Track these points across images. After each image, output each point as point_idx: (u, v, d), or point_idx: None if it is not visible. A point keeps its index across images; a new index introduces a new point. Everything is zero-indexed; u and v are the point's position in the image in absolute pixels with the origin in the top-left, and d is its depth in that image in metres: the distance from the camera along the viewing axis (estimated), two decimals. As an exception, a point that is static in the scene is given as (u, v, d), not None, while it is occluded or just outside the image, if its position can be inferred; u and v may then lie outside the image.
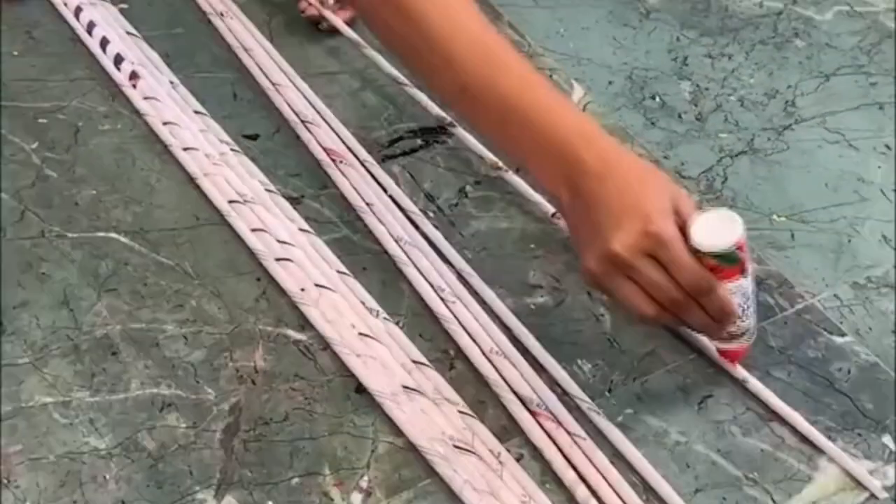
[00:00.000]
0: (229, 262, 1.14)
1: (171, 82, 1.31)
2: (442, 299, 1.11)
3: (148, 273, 1.12)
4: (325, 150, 1.24)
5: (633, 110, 1.36)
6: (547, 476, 0.99)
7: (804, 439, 1.03)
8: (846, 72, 1.44)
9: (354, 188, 1.21)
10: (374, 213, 1.19)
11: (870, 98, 1.40)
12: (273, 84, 1.32)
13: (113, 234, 1.16)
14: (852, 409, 1.07)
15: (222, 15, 1.40)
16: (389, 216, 1.19)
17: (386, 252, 1.16)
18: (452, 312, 1.10)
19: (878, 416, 1.06)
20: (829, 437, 1.04)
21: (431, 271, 1.14)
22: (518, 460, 1.00)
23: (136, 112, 1.27)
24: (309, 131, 1.26)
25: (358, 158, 1.24)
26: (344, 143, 1.26)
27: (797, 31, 1.50)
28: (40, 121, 1.26)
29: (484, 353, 1.07)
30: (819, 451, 1.03)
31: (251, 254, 1.14)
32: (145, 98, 1.28)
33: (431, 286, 1.12)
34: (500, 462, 0.99)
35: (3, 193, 1.17)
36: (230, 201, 1.18)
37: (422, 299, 1.12)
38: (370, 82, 1.35)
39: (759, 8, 1.54)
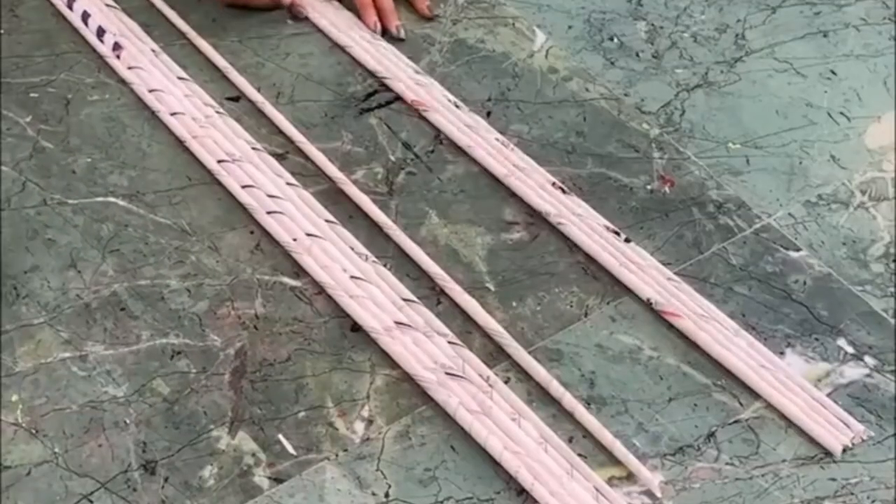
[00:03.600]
0: (223, 217, 1.21)
1: (153, 51, 1.37)
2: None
3: (148, 233, 1.19)
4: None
5: (593, 52, 1.43)
6: (533, 395, 1.08)
7: (766, 346, 1.12)
8: (791, 3, 1.52)
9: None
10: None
11: (814, 27, 1.48)
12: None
13: (111, 199, 1.22)
14: (809, 316, 1.16)
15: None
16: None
17: (371, 201, 1.24)
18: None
19: (832, 322, 1.15)
20: (789, 344, 1.13)
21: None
22: (506, 383, 1.08)
23: (123, 81, 1.34)
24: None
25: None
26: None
27: (744, -33, 1.57)
28: (31, 95, 1.32)
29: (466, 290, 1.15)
30: (780, 355, 1.12)
31: (244, 209, 1.21)
32: (130, 68, 1.34)
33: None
34: (490, 385, 1.07)
35: (3, 166, 1.24)
36: (219, 161, 1.25)
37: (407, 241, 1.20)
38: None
39: (707, -54, 1.61)
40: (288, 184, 1.23)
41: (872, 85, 1.40)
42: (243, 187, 1.22)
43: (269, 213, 1.20)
